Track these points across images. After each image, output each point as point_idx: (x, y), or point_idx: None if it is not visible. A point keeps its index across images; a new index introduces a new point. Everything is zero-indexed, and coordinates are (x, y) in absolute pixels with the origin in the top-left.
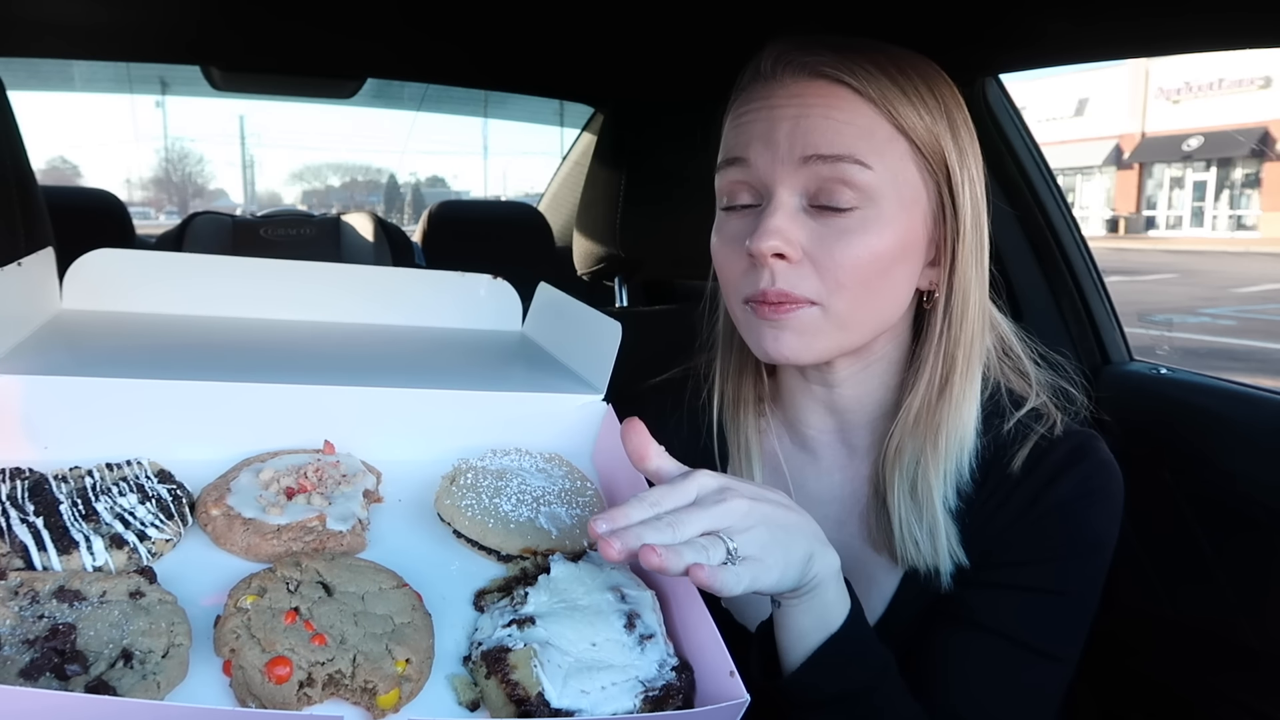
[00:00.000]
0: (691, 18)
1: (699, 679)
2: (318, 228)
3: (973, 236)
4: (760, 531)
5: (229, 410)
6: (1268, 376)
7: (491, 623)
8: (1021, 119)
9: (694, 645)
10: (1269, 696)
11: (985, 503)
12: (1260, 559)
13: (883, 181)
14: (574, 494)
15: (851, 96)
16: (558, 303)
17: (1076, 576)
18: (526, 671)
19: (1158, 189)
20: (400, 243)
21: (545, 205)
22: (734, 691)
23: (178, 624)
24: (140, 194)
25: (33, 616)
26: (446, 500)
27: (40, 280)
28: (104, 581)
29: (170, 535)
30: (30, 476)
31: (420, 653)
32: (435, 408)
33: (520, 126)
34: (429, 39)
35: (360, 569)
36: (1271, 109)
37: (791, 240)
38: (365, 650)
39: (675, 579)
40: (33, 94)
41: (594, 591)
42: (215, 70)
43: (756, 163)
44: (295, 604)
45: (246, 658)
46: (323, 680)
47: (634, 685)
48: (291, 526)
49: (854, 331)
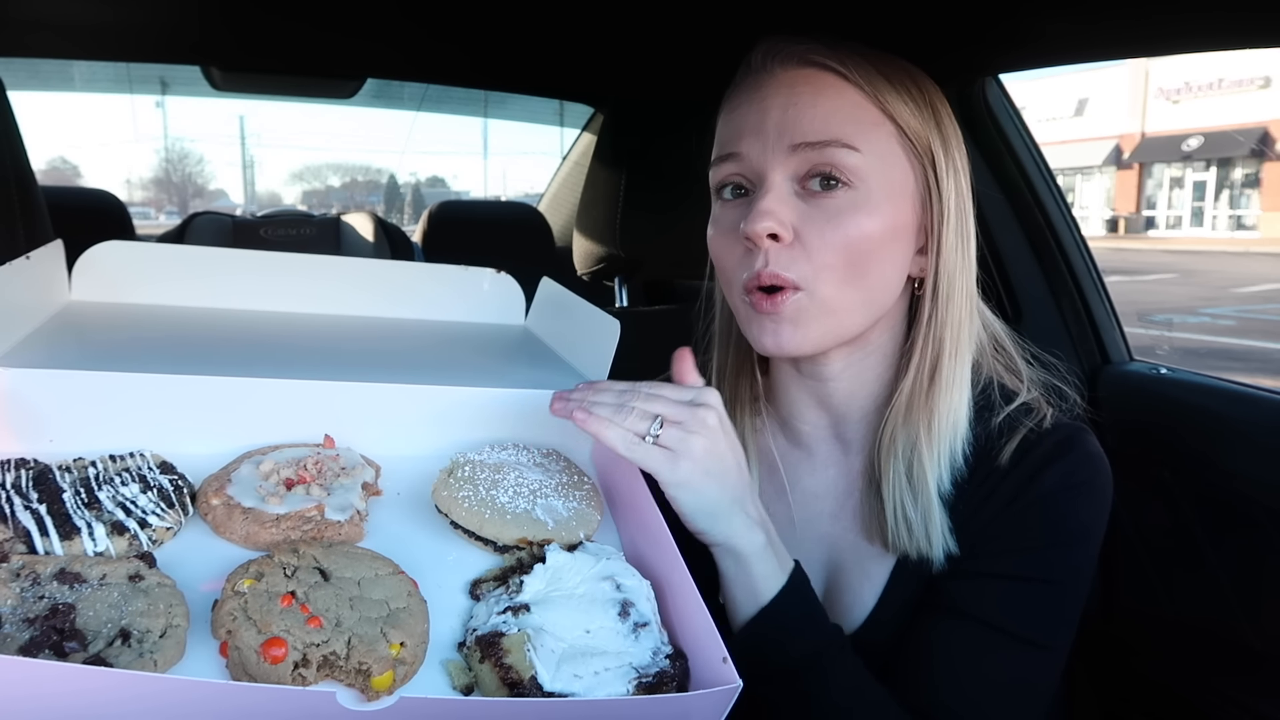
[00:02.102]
0: (691, 18)
1: (693, 667)
2: (318, 228)
3: (957, 222)
4: (699, 444)
5: (231, 404)
6: (1268, 376)
7: (487, 610)
8: (1021, 119)
9: (688, 634)
10: (1269, 696)
11: (974, 493)
12: (1260, 559)
13: (870, 164)
14: (571, 488)
15: (838, 82)
16: (560, 298)
17: (1060, 565)
18: (520, 656)
19: (1158, 189)
20: (400, 243)
21: (545, 205)
22: (727, 677)
23: (175, 606)
24: (140, 194)
25: (34, 597)
26: (444, 492)
27: (49, 273)
28: (104, 565)
29: (171, 523)
30: (35, 467)
31: (415, 637)
32: (435, 403)
33: (520, 126)
34: (429, 39)
35: (357, 555)
36: (1271, 109)
37: (784, 221)
38: (360, 633)
39: (669, 569)
40: (33, 94)
41: (589, 581)
42: (215, 70)
43: (748, 154)
44: (292, 588)
45: (243, 638)
46: (318, 661)
47: (627, 671)
48: (290, 516)
49: (843, 316)
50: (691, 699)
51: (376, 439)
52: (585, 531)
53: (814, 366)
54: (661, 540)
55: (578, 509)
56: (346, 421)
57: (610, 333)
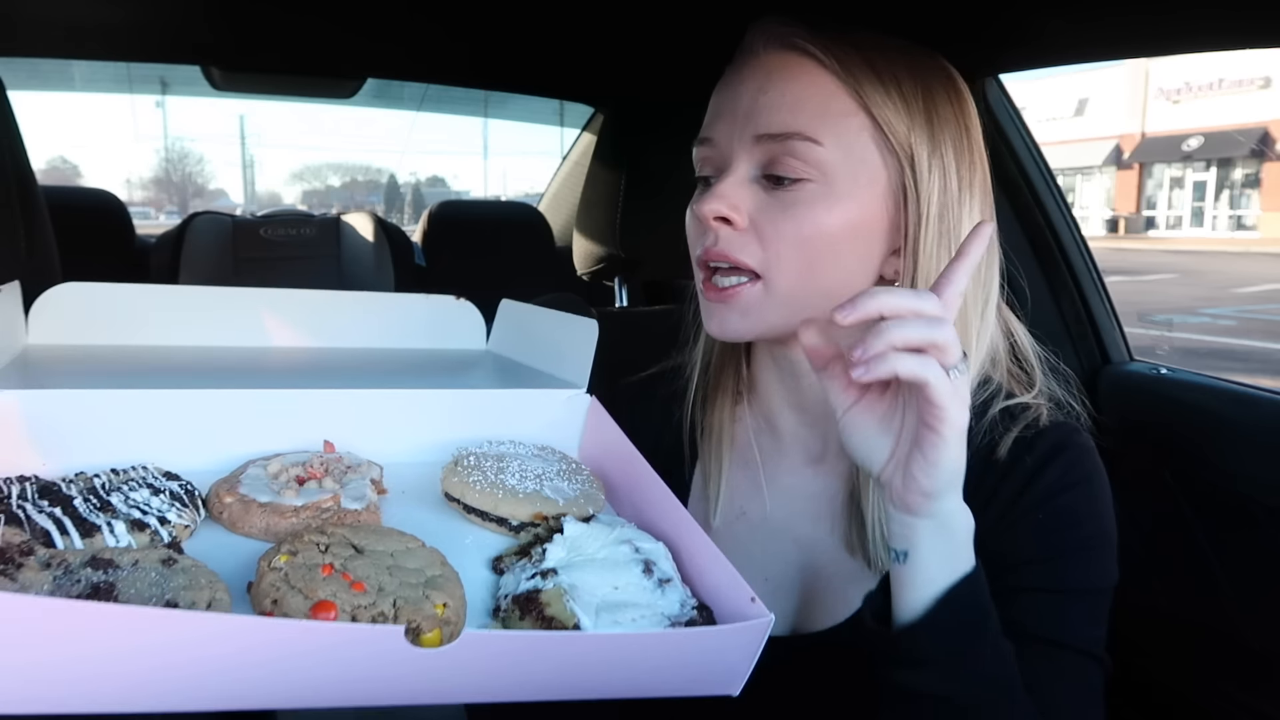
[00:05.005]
0: (691, 17)
1: (720, 617)
2: (318, 228)
3: (937, 227)
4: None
5: (227, 415)
6: (1268, 376)
7: (515, 579)
8: (1021, 119)
9: (710, 587)
10: (1270, 696)
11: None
12: (1261, 559)
13: (834, 158)
14: (572, 473)
15: (814, 69)
16: (522, 314)
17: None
18: (560, 606)
19: (1158, 189)
20: (400, 243)
21: (545, 205)
22: (758, 612)
23: (216, 582)
24: (140, 194)
25: (70, 582)
26: (454, 479)
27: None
28: (135, 553)
29: (189, 521)
30: (38, 481)
31: (456, 599)
32: (431, 406)
33: (520, 126)
34: (429, 39)
35: (384, 533)
36: (1271, 109)
37: (738, 207)
38: (405, 595)
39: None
40: (33, 94)
41: (608, 546)
42: (215, 70)
43: (719, 139)
44: (329, 560)
45: (290, 605)
46: (368, 621)
47: (660, 620)
48: (309, 506)
49: (800, 310)
50: (728, 633)
51: (375, 443)
52: (594, 508)
53: (788, 362)
54: (669, 506)
55: (584, 490)
56: (344, 427)
57: (587, 332)
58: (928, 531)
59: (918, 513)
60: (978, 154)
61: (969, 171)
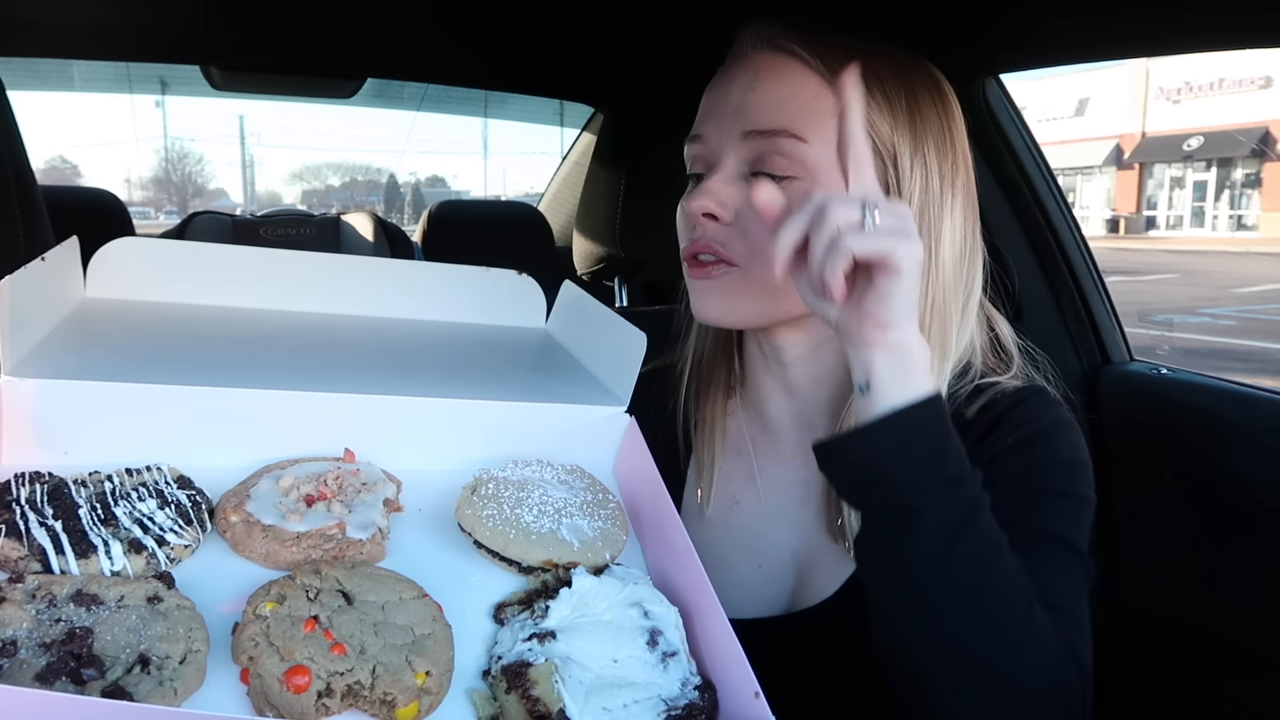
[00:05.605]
0: (691, 17)
1: (722, 699)
2: (318, 228)
3: (920, 223)
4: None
5: (249, 417)
6: (1268, 376)
7: (512, 636)
8: (1021, 119)
9: (717, 665)
10: (1270, 696)
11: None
12: (1261, 559)
13: (819, 156)
14: (596, 506)
15: (800, 69)
16: (582, 303)
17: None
18: (548, 687)
19: (1158, 189)
20: (400, 243)
21: (545, 205)
22: (758, 713)
23: (195, 630)
24: (140, 194)
25: (50, 620)
26: (468, 510)
27: (64, 270)
28: (122, 586)
29: (189, 541)
30: (50, 480)
31: (440, 665)
32: (457, 417)
33: (520, 126)
34: (429, 39)
35: (381, 578)
36: (1271, 109)
37: (724, 202)
38: (385, 661)
39: (698, 595)
40: (33, 94)
41: (616, 607)
42: (215, 70)
43: (709, 137)
44: (315, 612)
45: (265, 666)
46: (341, 691)
47: (656, 704)
48: (311, 534)
49: (782, 301)
50: None
51: (397, 452)
52: (611, 553)
53: (774, 350)
54: (688, 564)
55: (603, 529)
56: (367, 434)
57: (637, 345)
58: (885, 361)
59: (874, 344)
60: (961, 155)
61: (951, 171)
